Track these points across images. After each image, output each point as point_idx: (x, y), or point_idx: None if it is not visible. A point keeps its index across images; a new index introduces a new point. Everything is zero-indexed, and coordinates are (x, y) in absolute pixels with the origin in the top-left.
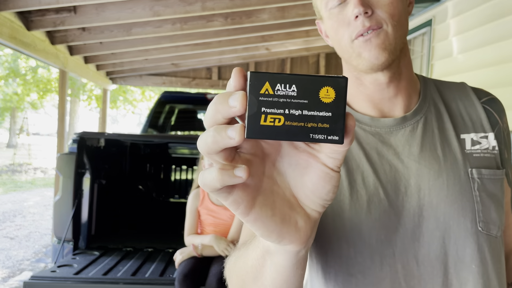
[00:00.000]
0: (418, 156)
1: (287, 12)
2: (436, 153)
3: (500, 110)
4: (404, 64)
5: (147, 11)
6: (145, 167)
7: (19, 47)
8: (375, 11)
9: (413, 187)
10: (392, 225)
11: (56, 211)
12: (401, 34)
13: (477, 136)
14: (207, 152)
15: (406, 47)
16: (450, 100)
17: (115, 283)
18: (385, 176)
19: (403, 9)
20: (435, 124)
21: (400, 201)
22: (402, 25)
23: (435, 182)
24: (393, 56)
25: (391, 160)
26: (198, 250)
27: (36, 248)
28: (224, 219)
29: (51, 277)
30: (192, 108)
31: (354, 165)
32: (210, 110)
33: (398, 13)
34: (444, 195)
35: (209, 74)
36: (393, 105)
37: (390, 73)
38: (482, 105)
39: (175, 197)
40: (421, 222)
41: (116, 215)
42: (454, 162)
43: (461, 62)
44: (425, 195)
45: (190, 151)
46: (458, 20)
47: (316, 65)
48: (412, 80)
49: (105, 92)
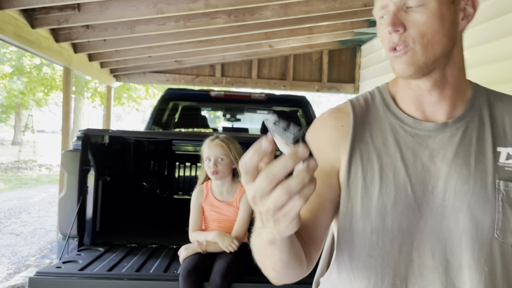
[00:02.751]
0: (450, 161)
1: (290, 9)
2: (469, 160)
3: None
4: (451, 74)
5: (151, 9)
6: (149, 164)
7: (24, 45)
8: (407, 29)
9: (440, 188)
10: (414, 219)
11: (61, 208)
12: (434, 52)
13: None
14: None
15: (453, 60)
16: (498, 112)
17: (120, 279)
18: (416, 175)
19: (440, 28)
20: (475, 133)
21: (425, 199)
22: (435, 43)
23: (461, 187)
24: (423, 71)
25: (424, 162)
26: (202, 247)
27: (41, 244)
28: (228, 215)
29: (56, 273)
30: (195, 105)
31: (388, 162)
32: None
33: (431, 32)
34: (468, 200)
35: (212, 71)
36: (436, 110)
37: (431, 81)
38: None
39: (179, 194)
40: (441, 220)
41: (121, 212)
42: (484, 171)
43: (467, 58)
44: (450, 197)
45: (194, 148)
46: None
47: (319, 62)
48: (460, 89)
49: (109, 90)
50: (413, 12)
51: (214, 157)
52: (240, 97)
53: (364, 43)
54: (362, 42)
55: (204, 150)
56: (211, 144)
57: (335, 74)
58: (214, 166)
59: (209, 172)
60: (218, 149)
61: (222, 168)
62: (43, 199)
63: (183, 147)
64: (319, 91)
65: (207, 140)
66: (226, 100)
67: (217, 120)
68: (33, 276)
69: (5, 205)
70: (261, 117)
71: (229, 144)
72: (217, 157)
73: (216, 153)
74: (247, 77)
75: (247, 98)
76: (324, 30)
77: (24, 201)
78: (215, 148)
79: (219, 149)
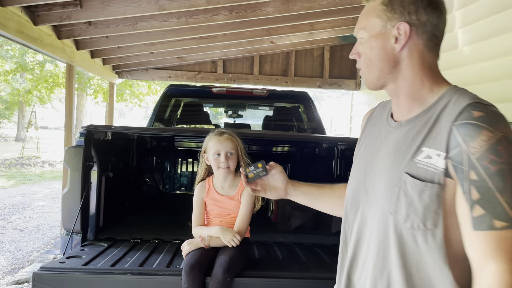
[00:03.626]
0: (389, 151)
1: (292, 5)
2: (397, 154)
3: (467, 136)
4: (403, 85)
5: (153, 5)
6: (152, 160)
7: (26, 42)
8: (361, 56)
9: (376, 170)
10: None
11: (65, 204)
12: (373, 72)
13: (433, 152)
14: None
15: (403, 73)
16: (443, 118)
17: (123, 273)
18: (372, 159)
19: (373, 55)
20: (414, 134)
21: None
22: (373, 66)
23: (384, 172)
24: (374, 85)
25: (380, 147)
26: (205, 242)
27: (45, 239)
28: (229, 209)
29: (60, 268)
30: (197, 102)
31: (369, 147)
32: None
33: (368, 58)
34: (384, 182)
35: (214, 68)
36: (398, 112)
37: (388, 91)
38: (451, 127)
39: (181, 189)
40: (367, 189)
41: (124, 207)
42: (400, 163)
43: (466, 54)
44: (379, 175)
45: (196, 144)
46: (464, 12)
47: (321, 58)
48: (417, 96)
49: (112, 86)
50: (360, 44)
51: (224, 152)
52: (242, 93)
53: None
54: None
55: (211, 145)
56: (221, 138)
57: (336, 70)
58: (226, 161)
59: (219, 167)
60: (229, 144)
61: (232, 163)
62: (47, 195)
63: (185, 143)
64: (321, 87)
65: (214, 135)
66: (228, 96)
67: (219, 117)
68: (37, 271)
69: (9, 201)
70: (263, 113)
71: (237, 139)
72: (228, 152)
73: (227, 147)
74: (248, 73)
75: (249, 94)
76: (326, 26)
77: (28, 197)
78: (226, 143)
79: (230, 143)
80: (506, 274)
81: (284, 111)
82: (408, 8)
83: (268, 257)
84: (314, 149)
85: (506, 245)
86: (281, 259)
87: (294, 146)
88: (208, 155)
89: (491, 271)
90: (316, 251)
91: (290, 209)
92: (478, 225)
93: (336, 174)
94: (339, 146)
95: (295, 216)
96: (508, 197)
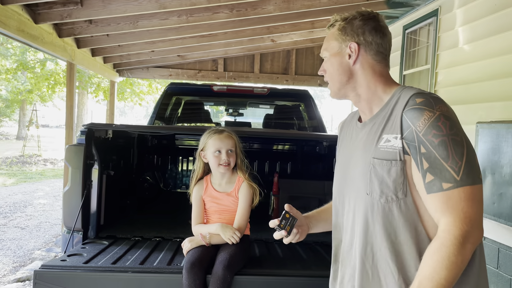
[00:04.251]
0: (360, 146)
1: (292, 3)
2: (366, 145)
3: (413, 118)
4: (362, 92)
5: (153, 4)
6: (153, 158)
7: (27, 40)
8: (326, 72)
9: (351, 164)
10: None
11: (66, 202)
12: (335, 84)
13: (391, 136)
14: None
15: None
16: (396, 109)
17: (124, 271)
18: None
19: (333, 70)
20: (377, 126)
21: (348, 171)
22: (334, 79)
23: (357, 163)
24: (337, 95)
25: (353, 145)
26: (206, 239)
27: (46, 238)
28: (228, 205)
29: (61, 266)
30: (198, 100)
31: (346, 148)
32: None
33: (330, 73)
34: (359, 171)
35: (215, 66)
36: (363, 115)
37: (352, 99)
38: (402, 113)
39: (182, 187)
40: (351, 183)
41: (125, 205)
42: (368, 152)
43: (467, 52)
44: (355, 170)
45: (197, 142)
46: (465, 10)
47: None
48: (374, 98)
49: (113, 84)
50: (324, 62)
51: (225, 149)
52: (242, 92)
53: None
54: None
55: (211, 143)
56: (221, 136)
57: None
58: (227, 158)
59: (220, 164)
60: (230, 141)
61: (232, 160)
62: (48, 193)
63: (186, 141)
64: (322, 85)
65: (213, 133)
66: (228, 94)
67: (219, 115)
68: (38, 269)
69: (10, 199)
70: (264, 111)
71: (236, 136)
72: (228, 149)
73: (228, 145)
74: (249, 71)
75: (249, 93)
76: (326, 24)
77: (29, 195)
78: (227, 140)
79: (230, 141)
80: (452, 225)
81: (284, 109)
82: (357, 31)
83: (269, 255)
84: (314, 147)
85: (452, 202)
86: (281, 257)
87: (294, 145)
88: (207, 153)
89: (442, 224)
90: (316, 249)
91: None
92: (430, 189)
93: None
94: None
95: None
96: (451, 162)
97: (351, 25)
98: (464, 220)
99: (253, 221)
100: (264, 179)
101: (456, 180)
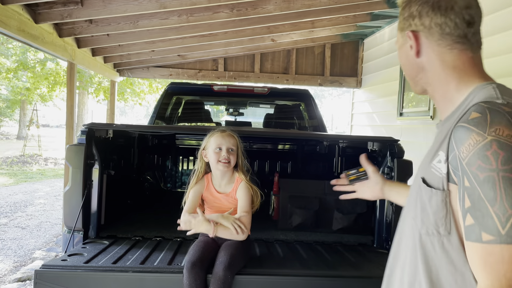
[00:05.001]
0: (426, 154)
1: (293, 2)
2: (427, 156)
3: (458, 139)
4: (435, 88)
5: (154, 3)
6: (153, 158)
7: (27, 40)
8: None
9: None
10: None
11: (66, 201)
12: (408, 79)
13: (443, 156)
14: None
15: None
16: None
17: (125, 271)
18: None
19: (403, 62)
20: (440, 137)
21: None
22: (406, 74)
23: (417, 174)
24: (415, 90)
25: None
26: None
27: (47, 237)
28: (227, 205)
29: (62, 266)
30: (198, 100)
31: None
32: None
33: (403, 67)
34: (414, 185)
35: (215, 66)
36: (439, 112)
37: (429, 95)
38: (453, 129)
39: (183, 187)
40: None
41: (125, 205)
42: (423, 167)
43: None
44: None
45: (197, 142)
46: None
47: (322, 56)
48: (446, 97)
49: (113, 84)
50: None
51: (226, 147)
52: (242, 91)
53: (366, 37)
54: (365, 36)
55: (212, 140)
56: (223, 134)
57: (337, 68)
58: (227, 155)
59: (219, 161)
60: (231, 140)
61: (232, 158)
62: (49, 193)
63: (186, 141)
64: (322, 85)
65: (216, 132)
66: (229, 94)
67: (220, 114)
68: (39, 269)
69: (11, 199)
70: (264, 111)
71: (238, 138)
72: (229, 147)
73: (229, 143)
74: (249, 71)
75: (249, 92)
76: (327, 24)
77: (29, 195)
78: (228, 138)
79: (232, 139)
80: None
81: (285, 109)
82: (412, 15)
83: (269, 255)
84: (315, 147)
85: (492, 260)
86: (282, 256)
87: (295, 144)
88: (208, 150)
89: (478, 284)
90: (317, 248)
91: (291, 206)
92: (468, 235)
93: (337, 172)
94: (340, 144)
95: (296, 213)
96: (498, 208)
97: (408, 8)
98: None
99: (253, 221)
100: (264, 178)
101: (500, 233)
